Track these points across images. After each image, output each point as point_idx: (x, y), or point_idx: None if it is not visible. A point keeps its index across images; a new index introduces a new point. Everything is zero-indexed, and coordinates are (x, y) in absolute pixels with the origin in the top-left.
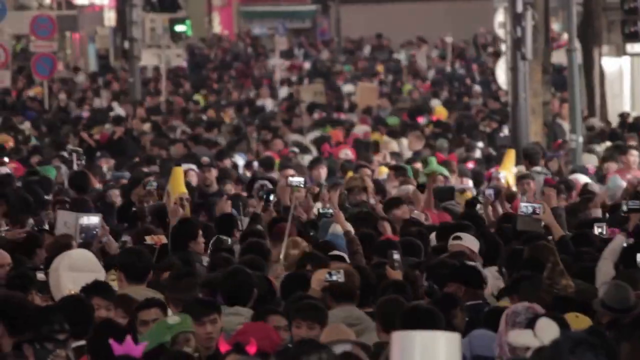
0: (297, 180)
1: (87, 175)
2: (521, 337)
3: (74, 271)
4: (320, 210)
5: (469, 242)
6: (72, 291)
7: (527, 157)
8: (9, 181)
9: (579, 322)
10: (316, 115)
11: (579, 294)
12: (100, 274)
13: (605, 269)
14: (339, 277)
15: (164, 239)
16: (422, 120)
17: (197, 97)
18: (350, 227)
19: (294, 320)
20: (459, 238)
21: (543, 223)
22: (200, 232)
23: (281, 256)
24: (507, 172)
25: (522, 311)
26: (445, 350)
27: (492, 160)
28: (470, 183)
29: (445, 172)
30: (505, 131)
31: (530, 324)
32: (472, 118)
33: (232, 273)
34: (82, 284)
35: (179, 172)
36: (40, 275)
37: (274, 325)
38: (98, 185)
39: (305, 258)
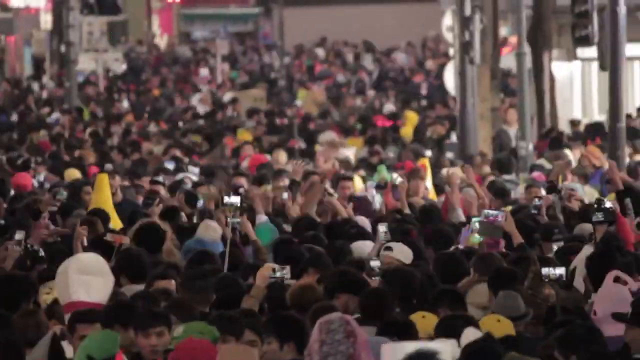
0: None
1: None
2: (447, 348)
3: (84, 274)
4: (229, 220)
5: (399, 252)
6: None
7: (499, 166)
8: None
9: (500, 327)
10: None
11: (565, 302)
12: (109, 278)
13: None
14: (284, 273)
15: (124, 239)
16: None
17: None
18: (255, 237)
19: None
20: (389, 249)
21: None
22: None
23: None
24: None
25: (336, 319)
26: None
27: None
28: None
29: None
30: (454, 137)
31: (344, 331)
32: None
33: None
34: (91, 287)
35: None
36: None
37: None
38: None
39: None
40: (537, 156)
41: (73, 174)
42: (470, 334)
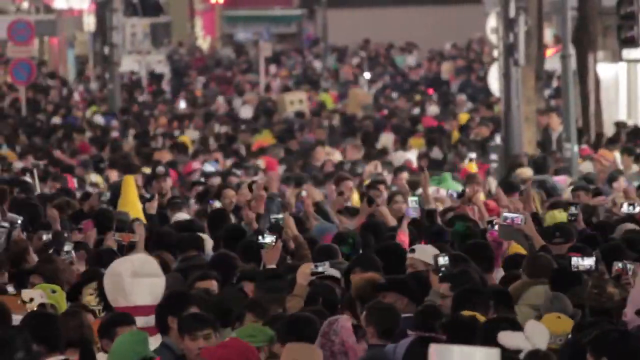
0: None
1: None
2: (513, 340)
3: (137, 277)
4: (272, 216)
5: (422, 253)
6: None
7: (535, 167)
8: None
9: (560, 324)
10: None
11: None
12: (162, 279)
13: None
14: (325, 268)
15: (132, 237)
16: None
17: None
18: (296, 232)
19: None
20: (412, 251)
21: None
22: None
23: None
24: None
25: (331, 319)
26: None
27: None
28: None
29: (459, 188)
30: (498, 139)
31: (323, 332)
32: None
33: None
34: (146, 289)
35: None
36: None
37: None
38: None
39: None
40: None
41: (114, 175)
42: (533, 327)
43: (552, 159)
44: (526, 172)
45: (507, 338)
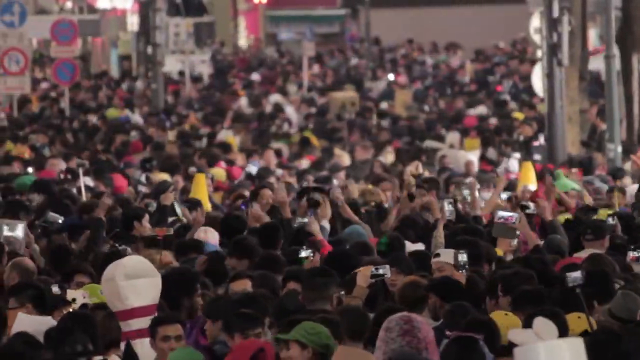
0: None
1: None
2: (522, 337)
3: (131, 279)
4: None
5: (449, 257)
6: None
7: (580, 166)
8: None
9: (580, 323)
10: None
11: None
12: (157, 278)
13: None
14: (385, 270)
15: (167, 231)
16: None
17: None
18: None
19: None
20: (438, 255)
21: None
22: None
23: None
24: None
25: (396, 318)
26: (571, 356)
27: None
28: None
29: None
30: (542, 139)
31: (400, 330)
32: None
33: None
34: (142, 290)
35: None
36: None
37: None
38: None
39: None
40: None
41: (161, 176)
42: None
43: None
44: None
45: (517, 335)
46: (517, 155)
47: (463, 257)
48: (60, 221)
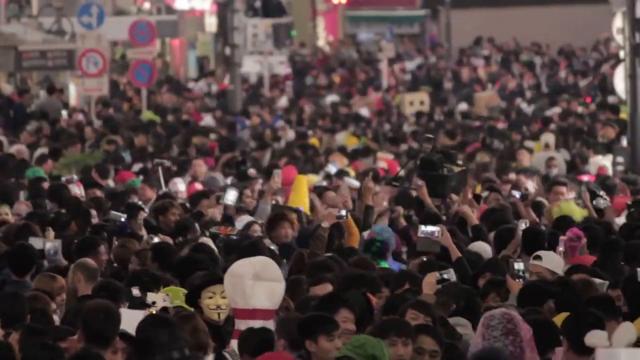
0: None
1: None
2: (594, 338)
3: (259, 280)
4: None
5: (549, 261)
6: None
7: None
8: None
9: None
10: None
11: None
12: (282, 284)
13: None
14: (450, 275)
15: (231, 230)
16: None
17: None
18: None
19: (387, 337)
20: (539, 258)
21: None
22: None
23: None
24: None
25: (497, 315)
26: None
27: None
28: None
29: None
30: (624, 142)
31: (503, 328)
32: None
33: None
34: (267, 293)
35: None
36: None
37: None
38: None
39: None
40: None
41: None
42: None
43: None
44: None
45: (592, 337)
46: (600, 157)
47: (520, 265)
48: (122, 219)
